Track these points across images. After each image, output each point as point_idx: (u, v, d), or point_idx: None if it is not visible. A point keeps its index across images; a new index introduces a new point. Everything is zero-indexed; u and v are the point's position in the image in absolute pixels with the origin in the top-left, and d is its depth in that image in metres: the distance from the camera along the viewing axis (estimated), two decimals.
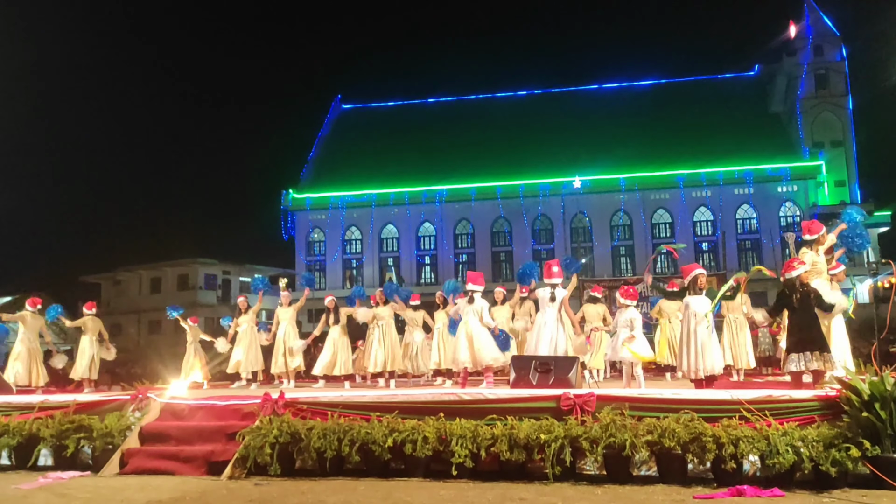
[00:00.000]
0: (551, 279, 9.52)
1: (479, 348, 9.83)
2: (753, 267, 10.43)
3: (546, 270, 9.65)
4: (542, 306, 9.57)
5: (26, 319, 12.77)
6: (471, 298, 10.09)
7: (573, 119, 49.72)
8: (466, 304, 10.10)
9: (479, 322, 10.00)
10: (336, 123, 56.91)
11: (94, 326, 13.53)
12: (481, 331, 9.97)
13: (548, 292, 9.49)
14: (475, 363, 9.93)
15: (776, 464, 6.01)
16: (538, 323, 9.64)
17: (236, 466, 7.24)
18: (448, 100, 56.90)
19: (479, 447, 6.73)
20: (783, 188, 46.00)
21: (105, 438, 7.92)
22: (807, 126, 47.86)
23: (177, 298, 47.84)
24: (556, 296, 9.44)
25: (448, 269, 47.97)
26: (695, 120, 47.65)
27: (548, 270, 9.60)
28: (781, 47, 50.70)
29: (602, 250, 47.00)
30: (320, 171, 52.28)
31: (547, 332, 9.34)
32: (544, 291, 9.56)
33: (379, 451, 6.94)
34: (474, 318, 10.00)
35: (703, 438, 6.25)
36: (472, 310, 10.02)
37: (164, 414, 8.47)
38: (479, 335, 9.93)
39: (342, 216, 49.97)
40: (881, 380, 6.18)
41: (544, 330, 9.39)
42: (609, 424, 6.60)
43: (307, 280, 14.89)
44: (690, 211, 46.68)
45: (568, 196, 47.09)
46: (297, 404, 7.80)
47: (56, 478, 7.55)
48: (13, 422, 8.36)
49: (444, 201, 48.77)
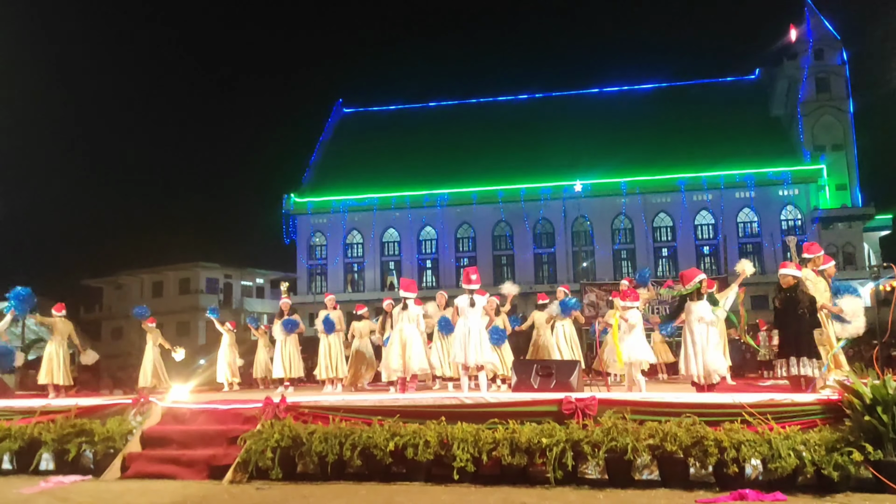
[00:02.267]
0: (469, 285, 9.58)
1: (409, 356, 9.87)
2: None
3: (465, 277, 9.73)
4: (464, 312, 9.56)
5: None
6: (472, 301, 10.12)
7: (574, 122, 49.78)
8: (402, 310, 10.11)
9: (414, 328, 10.05)
10: (337, 127, 57.00)
11: (63, 329, 13.12)
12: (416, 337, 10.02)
13: (466, 299, 9.53)
14: (407, 370, 9.95)
15: (778, 468, 6.00)
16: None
17: (238, 471, 7.24)
18: (449, 103, 56.99)
19: (480, 451, 6.72)
20: (784, 192, 45.99)
21: (106, 442, 7.91)
22: (808, 130, 47.87)
23: (178, 302, 48.10)
24: (475, 301, 9.49)
25: (449, 272, 47.98)
26: (696, 123, 47.69)
27: (466, 277, 9.69)
28: (782, 51, 50.76)
29: (603, 254, 46.98)
30: (322, 175, 52.33)
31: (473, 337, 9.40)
32: (463, 299, 9.58)
33: (380, 455, 6.93)
34: (409, 324, 10.04)
35: (705, 442, 6.24)
36: (406, 316, 10.06)
37: (166, 418, 8.46)
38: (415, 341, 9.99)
39: (344, 220, 50.01)
40: (883, 383, 6.17)
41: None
42: (611, 428, 6.59)
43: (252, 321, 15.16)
44: (691, 214, 46.68)
45: (569, 200, 47.10)
46: (298, 408, 7.80)
47: (57, 482, 7.54)
48: (15, 426, 8.36)
49: (446, 205, 48.80)
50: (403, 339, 9.95)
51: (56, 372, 12.59)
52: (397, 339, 10.00)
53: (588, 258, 45.75)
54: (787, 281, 8.05)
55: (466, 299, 9.52)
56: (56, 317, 13.12)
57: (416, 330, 10.06)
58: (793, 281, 8.05)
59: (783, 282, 8.09)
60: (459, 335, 9.52)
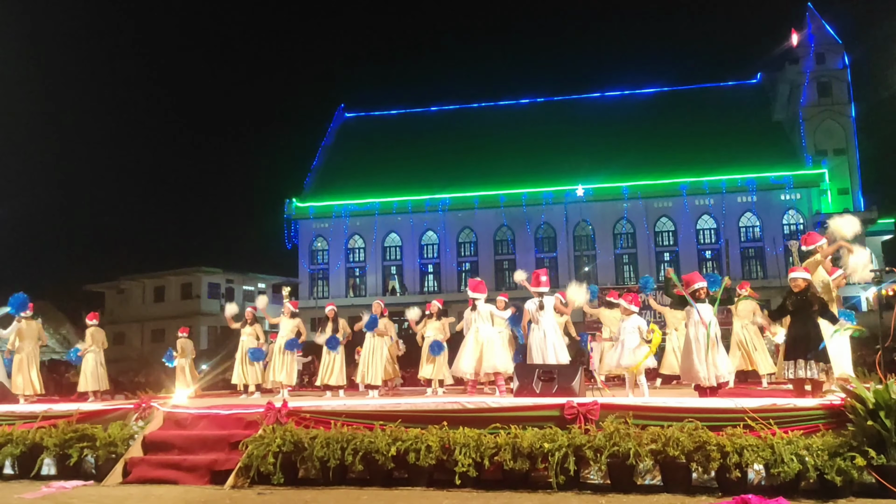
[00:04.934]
0: (539, 288, 9.58)
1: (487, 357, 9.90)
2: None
3: (534, 279, 9.69)
4: (535, 316, 9.60)
5: (21, 328, 12.55)
6: (474, 306, 10.12)
7: (576, 127, 49.78)
8: (470, 311, 10.13)
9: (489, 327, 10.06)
10: (339, 132, 57.04)
11: (98, 337, 13.28)
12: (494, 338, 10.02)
13: (536, 302, 9.55)
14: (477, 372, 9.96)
15: (781, 473, 5.99)
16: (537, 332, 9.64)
17: (239, 475, 7.24)
18: (451, 108, 57.03)
19: (482, 456, 6.72)
20: (786, 196, 45.95)
21: (108, 447, 7.92)
22: (809, 134, 47.84)
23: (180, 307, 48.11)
24: (544, 304, 9.49)
25: (451, 277, 47.96)
26: (697, 128, 47.67)
27: (535, 280, 9.66)
28: (784, 55, 50.74)
29: (605, 258, 46.92)
30: (323, 180, 52.37)
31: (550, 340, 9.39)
32: (532, 302, 9.61)
33: (382, 459, 6.93)
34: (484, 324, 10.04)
35: (708, 447, 6.24)
36: (477, 316, 10.06)
37: (168, 423, 8.47)
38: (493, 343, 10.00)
39: (345, 225, 50.01)
40: (886, 388, 6.16)
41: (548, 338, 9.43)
42: (613, 433, 6.59)
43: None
44: (693, 219, 46.64)
45: (571, 204, 47.09)
46: (299, 413, 7.80)
47: (59, 487, 7.55)
48: (16, 431, 8.38)
49: (447, 210, 48.78)
50: (480, 340, 9.92)
51: (93, 378, 13.00)
52: (472, 340, 9.95)
53: (590, 263, 45.67)
54: (797, 284, 8.06)
55: (536, 303, 9.50)
56: (89, 325, 13.51)
57: (494, 330, 10.01)
58: (803, 284, 8.06)
59: (794, 286, 8.09)
60: (536, 339, 9.44)
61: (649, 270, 46.06)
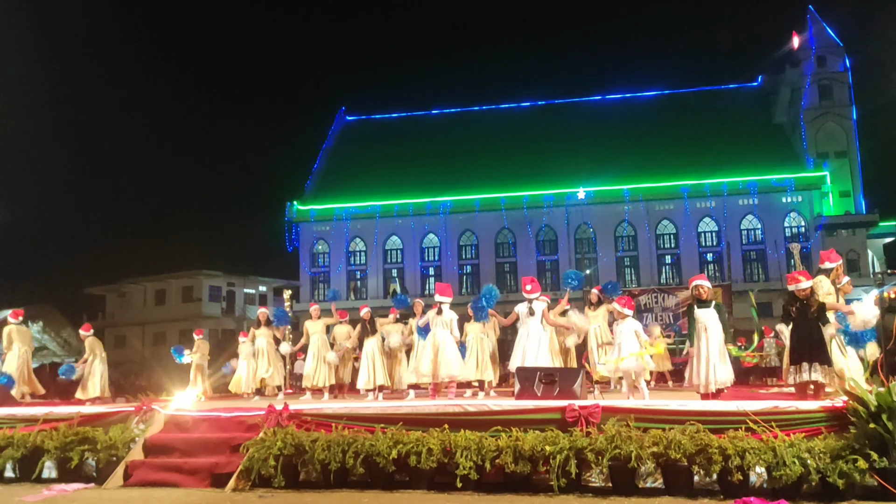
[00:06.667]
0: (529, 295, 9.79)
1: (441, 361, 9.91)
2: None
3: (522, 287, 9.95)
4: (524, 319, 9.83)
5: (12, 333, 12.61)
6: (439, 310, 10.16)
7: (577, 130, 49.78)
8: (435, 315, 10.13)
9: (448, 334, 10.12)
10: (340, 135, 57.07)
11: (94, 346, 13.30)
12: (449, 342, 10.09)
13: (526, 307, 9.77)
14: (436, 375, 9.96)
15: (783, 475, 5.98)
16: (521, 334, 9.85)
17: (240, 479, 7.23)
18: (451, 111, 57.05)
19: (483, 459, 6.70)
20: (788, 199, 45.93)
21: (109, 450, 7.91)
22: (811, 136, 47.83)
23: (181, 310, 48.13)
24: (534, 310, 9.72)
25: (452, 280, 47.86)
26: (699, 131, 47.67)
27: (523, 287, 9.92)
28: (785, 58, 50.75)
29: (606, 261, 46.89)
30: (324, 183, 52.38)
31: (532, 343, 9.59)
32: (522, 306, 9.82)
33: (383, 463, 6.92)
34: (443, 329, 10.07)
35: (710, 450, 6.22)
36: (440, 321, 10.08)
37: (169, 426, 8.46)
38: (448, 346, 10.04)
39: (346, 228, 50.01)
40: (888, 391, 6.15)
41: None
42: (614, 436, 6.57)
43: (333, 294, 14.45)
44: (695, 222, 46.61)
45: (572, 207, 47.07)
46: (301, 416, 7.79)
47: (60, 490, 7.54)
48: (17, 434, 8.37)
49: (448, 212, 48.78)
50: (436, 344, 9.96)
51: (98, 387, 13.14)
52: (430, 344, 9.99)
53: (591, 266, 45.61)
54: (803, 292, 8.06)
55: (526, 307, 9.75)
56: (85, 336, 13.58)
57: (450, 335, 10.09)
58: (808, 291, 8.07)
59: (798, 293, 8.07)
60: (521, 342, 9.71)
61: (650, 273, 46.14)
